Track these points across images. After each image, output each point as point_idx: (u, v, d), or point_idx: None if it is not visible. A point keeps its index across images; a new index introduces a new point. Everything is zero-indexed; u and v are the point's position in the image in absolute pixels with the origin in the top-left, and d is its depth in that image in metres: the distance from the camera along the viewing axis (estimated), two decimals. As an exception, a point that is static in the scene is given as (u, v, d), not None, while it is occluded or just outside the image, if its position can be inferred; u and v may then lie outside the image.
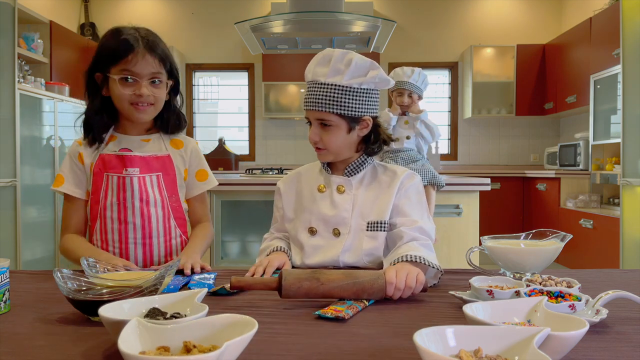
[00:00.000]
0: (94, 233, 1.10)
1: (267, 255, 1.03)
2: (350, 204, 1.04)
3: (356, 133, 1.03)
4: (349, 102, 0.99)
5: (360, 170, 1.07)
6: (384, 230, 1.03)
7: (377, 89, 1.04)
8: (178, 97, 1.15)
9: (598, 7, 3.61)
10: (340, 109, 0.99)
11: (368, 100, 1.02)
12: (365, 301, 0.78)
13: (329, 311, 0.71)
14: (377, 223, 1.03)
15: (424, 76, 2.30)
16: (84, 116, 1.11)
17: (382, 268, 1.02)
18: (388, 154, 2.32)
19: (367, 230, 1.03)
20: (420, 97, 2.33)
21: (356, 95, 1.00)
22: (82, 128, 1.11)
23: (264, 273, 0.94)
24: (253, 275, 0.94)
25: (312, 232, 1.05)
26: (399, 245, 0.98)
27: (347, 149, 1.05)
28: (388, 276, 0.81)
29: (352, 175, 1.06)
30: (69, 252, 1.07)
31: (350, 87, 0.99)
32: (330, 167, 1.09)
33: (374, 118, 1.05)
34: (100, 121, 1.09)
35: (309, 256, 1.04)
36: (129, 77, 1.02)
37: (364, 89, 1.00)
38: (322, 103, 0.99)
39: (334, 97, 0.99)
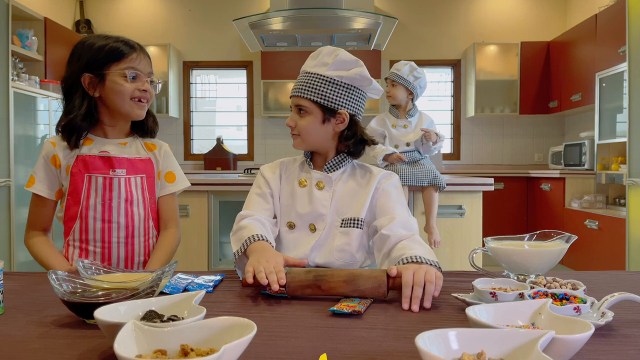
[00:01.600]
0: (72, 233, 1.13)
1: (248, 239, 0.97)
2: (329, 201, 1.06)
3: (332, 126, 1.06)
4: (325, 92, 1.03)
5: (339, 167, 1.09)
6: (359, 228, 1.05)
7: (361, 88, 1.07)
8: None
9: (603, 3, 3.58)
10: (316, 97, 1.03)
11: (347, 95, 1.05)
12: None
13: (344, 307, 0.72)
14: (352, 220, 1.05)
15: (419, 74, 2.27)
16: (63, 119, 1.13)
17: (355, 266, 1.05)
18: None
19: (341, 226, 1.05)
20: (411, 93, 2.29)
21: (335, 87, 1.04)
22: (61, 131, 1.13)
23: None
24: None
25: (290, 226, 1.08)
26: (389, 249, 0.97)
27: (321, 141, 1.07)
28: (404, 278, 0.78)
29: (331, 172, 1.09)
30: (35, 251, 1.13)
31: (330, 78, 1.03)
32: (312, 162, 1.12)
33: (352, 116, 1.07)
34: (85, 125, 1.12)
35: (286, 250, 1.07)
36: (135, 73, 1.09)
37: (345, 83, 1.04)
38: (300, 89, 1.04)
39: (312, 84, 1.04)
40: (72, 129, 1.11)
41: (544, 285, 0.76)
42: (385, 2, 4.56)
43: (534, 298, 0.69)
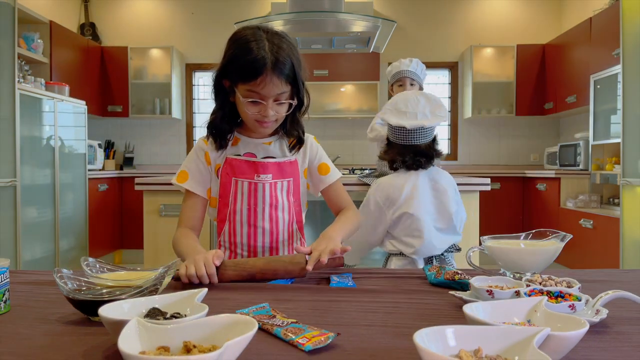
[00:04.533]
0: (222, 234, 1.12)
1: None
2: None
3: None
4: None
5: None
6: None
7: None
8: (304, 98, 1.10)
9: (598, 7, 3.61)
10: None
11: None
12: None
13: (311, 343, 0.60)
14: None
15: (422, 66, 2.29)
16: (209, 118, 1.12)
17: None
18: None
19: None
20: (421, 88, 2.31)
21: None
22: (207, 129, 1.12)
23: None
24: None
25: None
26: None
27: None
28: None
29: None
30: (175, 245, 1.06)
31: None
32: None
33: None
34: (226, 127, 1.10)
35: None
36: (256, 98, 1.01)
37: None
38: None
39: None
40: (214, 129, 1.10)
41: (540, 283, 0.77)
42: (383, 5, 4.57)
43: (529, 296, 0.70)
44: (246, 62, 0.98)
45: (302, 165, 1.15)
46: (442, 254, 1.45)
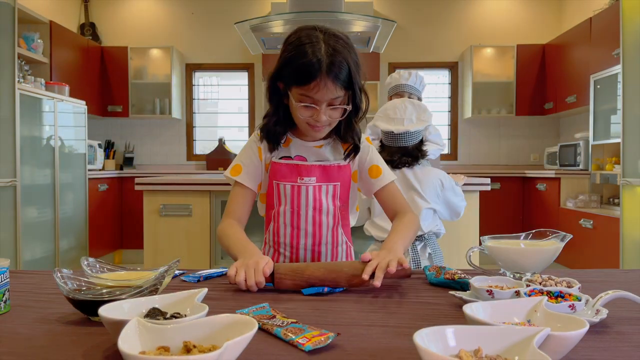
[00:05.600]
0: (267, 232, 1.13)
1: None
2: None
3: None
4: None
5: None
6: None
7: None
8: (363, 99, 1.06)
9: (598, 7, 3.61)
10: None
11: None
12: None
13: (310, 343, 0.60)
14: None
15: (421, 78, 2.29)
16: (262, 120, 1.10)
17: None
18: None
19: None
20: (419, 99, 2.33)
21: None
22: (260, 131, 1.11)
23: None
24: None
25: None
26: None
27: None
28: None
29: None
30: (223, 237, 1.05)
31: None
32: None
33: None
34: (279, 130, 1.08)
35: None
36: (309, 102, 0.99)
37: None
38: None
39: None
40: (268, 132, 1.08)
41: (540, 283, 0.77)
42: (383, 5, 4.58)
43: (529, 296, 0.70)
44: (300, 65, 0.96)
45: (352, 168, 1.12)
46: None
